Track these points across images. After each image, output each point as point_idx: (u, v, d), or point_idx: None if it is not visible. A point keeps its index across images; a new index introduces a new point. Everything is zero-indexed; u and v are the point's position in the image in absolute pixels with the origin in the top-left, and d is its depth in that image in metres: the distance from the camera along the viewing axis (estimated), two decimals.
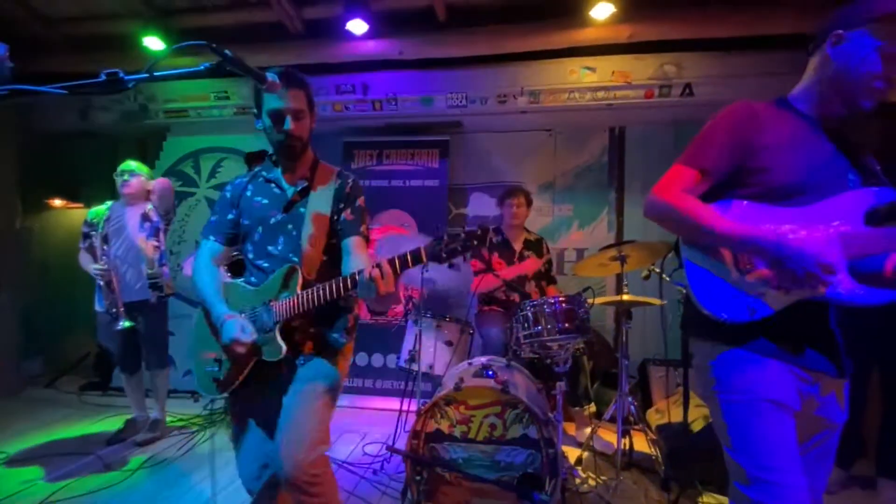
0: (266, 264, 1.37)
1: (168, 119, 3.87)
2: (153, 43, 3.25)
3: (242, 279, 1.45)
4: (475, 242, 1.09)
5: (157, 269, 2.75)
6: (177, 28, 3.31)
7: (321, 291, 1.23)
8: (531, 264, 2.90)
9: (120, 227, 2.77)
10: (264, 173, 1.45)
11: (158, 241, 2.80)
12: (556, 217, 3.90)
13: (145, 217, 2.78)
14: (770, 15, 2.84)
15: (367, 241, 1.41)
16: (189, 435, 2.94)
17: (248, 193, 1.44)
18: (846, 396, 1.17)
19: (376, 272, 1.10)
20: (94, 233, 2.74)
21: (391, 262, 1.13)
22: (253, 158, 3.14)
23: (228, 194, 1.48)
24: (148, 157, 4.20)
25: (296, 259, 1.35)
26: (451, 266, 1.13)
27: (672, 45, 2.99)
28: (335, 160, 1.38)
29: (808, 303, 1.07)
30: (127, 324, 2.61)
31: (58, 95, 1.11)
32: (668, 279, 2.36)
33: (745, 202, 1.12)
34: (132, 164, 2.84)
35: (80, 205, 4.55)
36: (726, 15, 2.87)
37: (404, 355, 2.64)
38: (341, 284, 1.21)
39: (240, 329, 1.27)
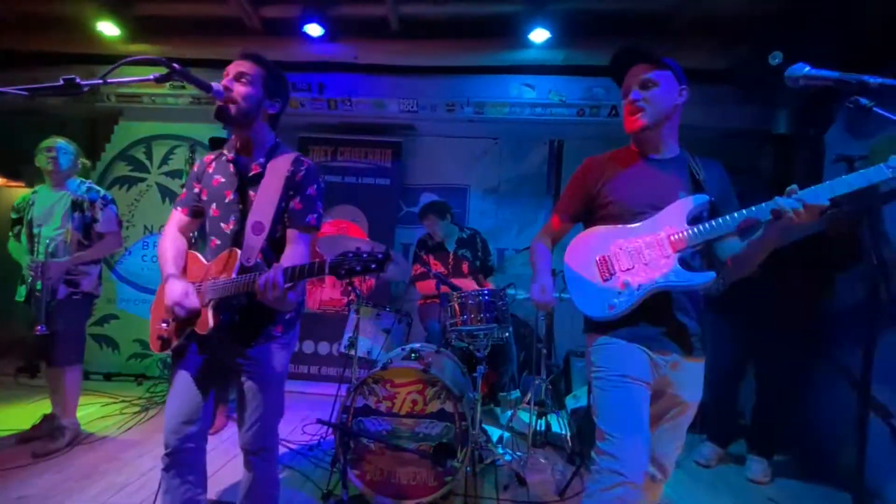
0: (219, 241, 1.46)
1: (120, 103, 3.87)
2: (107, 28, 3.27)
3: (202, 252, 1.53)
4: (373, 267, 1.21)
5: (77, 267, 2.53)
6: (132, 15, 3.34)
7: (239, 282, 1.33)
8: (467, 285, 3.17)
9: (47, 214, 2.51)
10: (226, 152, 1.52)
11: (90, 238, 2.57)
12: (500, 219, 4.20)
13: (77, 206, 2.54)
14: (685, 52, 3.23)
15: (314, 230, 1.46)
16: (132, 415, 3.02)
17: (210, 171, 1.52)
18: (700, 379, 1.43)
19: (262, 281, 1.23)
20: (23, 218, 2.55)
21: (286, 271, 1.25)
22: (217, 143, 3.21)
23: (196, 168, 1.57)
24: (98, 141, 4.17)
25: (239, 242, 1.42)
26: (349, 284, 1.31)
27: (602, 69, 3.32)
28: None
29: (657, 297, 1.36)
30: (44, 330, 2.38)
31: (4, 73, 1.24)
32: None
33: (601, 226, 1.47)
34: (59, 140, 2.57)
35: (21, 184, 4.45)
36: (649, 47, 3.23)
37: (344, 342, 2.84)
38: (247, 282, 1.30)
39: (183, 293, 1.35)
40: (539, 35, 3.07)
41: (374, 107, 3.60)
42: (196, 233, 1.89)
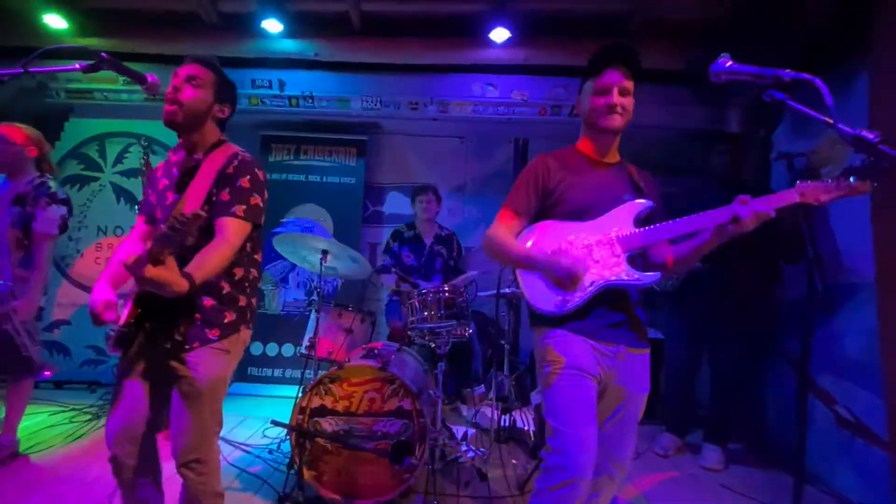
0: None
1: (70, 99, 3.70)
2: (54, 21, 3.13)
3: None
4: (178, 227, 1.05)
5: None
6: (82, 8, 3.20)
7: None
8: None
9: None
10: (171, 154, 1.50)
11: (30, 238, 2.30)
12: (466, 218, 4.21)
13: (20, 199, 2.30)
14: (642, 52, 3.30)
15: (247, 221, 1.36)
16: (82, 424, 2.89)
17: (159, 175, 1.50)
18: (646, 370, 1.44)
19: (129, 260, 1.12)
20: None
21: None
22: None
23: (151, 173, 1.55)
24: (48, 138, 3.96)
25: None
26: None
27: (562, 70, 3.38)
28: (252, 152, 1.42)
29: (609, 291, 1.38)
30: None
31: None
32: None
33: (551, 221, 1.47)
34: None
35: None
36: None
37: (305, 343, 2.79)
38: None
39: (103, 300, 1.34)
40: (499, 34, 3.10)
41: (336, 104, 3.56)
42: None
